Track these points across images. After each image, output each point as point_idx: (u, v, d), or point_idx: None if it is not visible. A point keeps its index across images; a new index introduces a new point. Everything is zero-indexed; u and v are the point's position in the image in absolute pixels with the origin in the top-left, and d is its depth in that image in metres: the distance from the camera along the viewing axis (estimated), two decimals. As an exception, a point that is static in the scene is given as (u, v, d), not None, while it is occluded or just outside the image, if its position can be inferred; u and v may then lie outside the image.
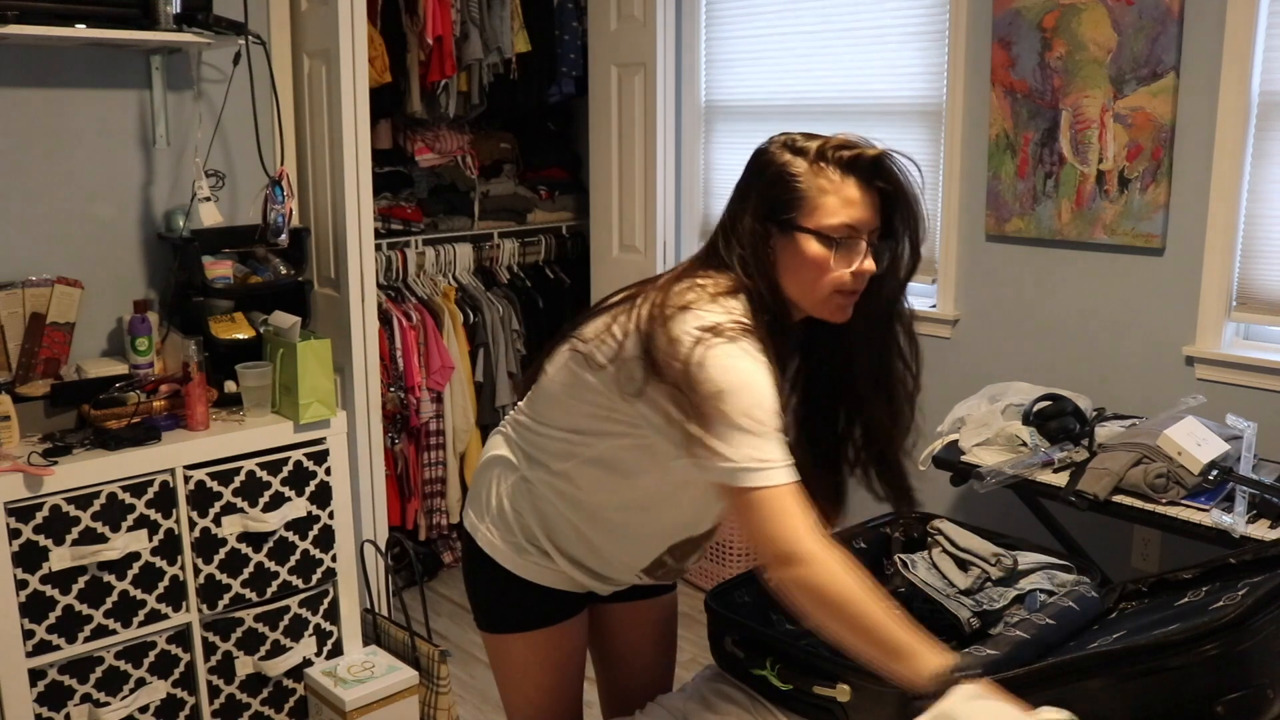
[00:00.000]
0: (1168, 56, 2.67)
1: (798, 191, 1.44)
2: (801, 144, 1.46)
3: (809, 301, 1.48)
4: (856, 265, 1.45)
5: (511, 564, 1.68)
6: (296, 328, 2.68)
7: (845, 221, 1.43)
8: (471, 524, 1.73)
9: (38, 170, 2.68)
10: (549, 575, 1.68)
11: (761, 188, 1.47)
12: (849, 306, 1.49)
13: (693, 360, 1.37)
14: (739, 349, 1.39)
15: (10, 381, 2.55)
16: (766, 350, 1.42)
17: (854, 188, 1.44)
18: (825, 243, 1.43)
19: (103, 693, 2.46)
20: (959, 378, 3.20)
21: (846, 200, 1.43)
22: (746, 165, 1.52)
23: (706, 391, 1.36)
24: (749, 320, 1.44)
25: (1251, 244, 2.67)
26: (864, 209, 1.44)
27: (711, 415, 1.36)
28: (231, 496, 2.58)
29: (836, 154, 1.44)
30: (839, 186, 1.44)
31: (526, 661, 1.74)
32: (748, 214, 1.47)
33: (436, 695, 2.67)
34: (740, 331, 1.41)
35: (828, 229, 1.43)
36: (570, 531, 1.64)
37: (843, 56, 3.39)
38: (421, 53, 3.46)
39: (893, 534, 2.55)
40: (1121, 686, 1.53)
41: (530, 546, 1.66)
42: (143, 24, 2.52)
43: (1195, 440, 2.31)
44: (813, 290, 1.46)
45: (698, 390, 1.36)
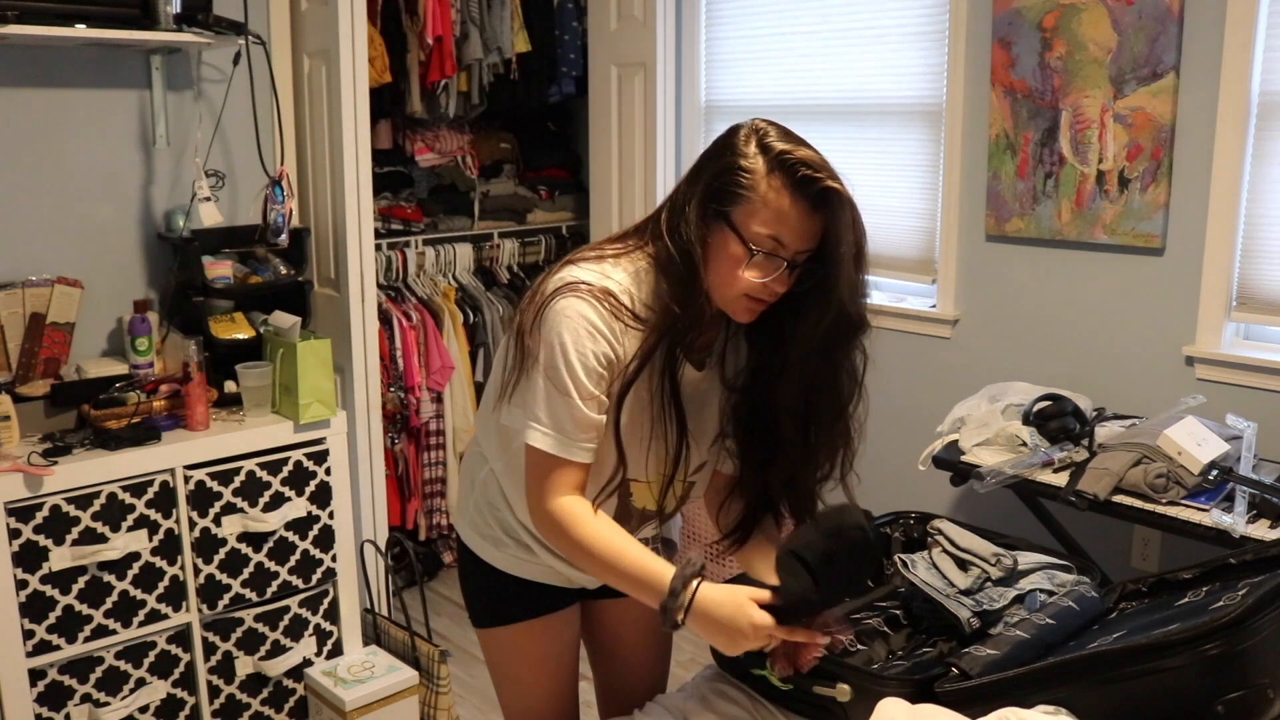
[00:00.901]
0: (1168, 56, 2.67)
1: (742, 189, 1.42)
2: (769, 143, 1.44)
3: (718, 294, 1.47)
4: (769, 279, 1.42)
5: (492, 558, 1.69)
6: (296, 328, 2.68)
7: (771, 234, 1.41)
8: (457, 522, 1.77)
9: (38, 170, 2.68)
10: (529, 568, 1.69)
11: (714, 171, 1.46)
12: (756, 311, 1.47)
13: (536, 308, 1.45)
14: (578, 309, 1.42)
15: (10, 381, 2.55)
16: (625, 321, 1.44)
17: (794, 207, 1.40)
18: (745, 248, 1.42)
19: (103, 693, 2.46)
20: (959, 378, 3.20)
21: (781, 215, 1.40)
22: (716, 139, 1.50)
23: (530, 341, 1.44)
24: (624, 288, 1.46)
25: (1251, 244, 2.67)
26: (798, 231, 1.41)
27: (526, 364, 1.46)
28: (231, 496, 2.58)
29: (792, 169, 1.41)
30: (779, 200, 1.40)
31: (514, 655, 1.75)
32: (696, 194, 1.46)
33: (436, 695, 2.67)
34: (594, 294, 1.43)
35: (751, 236, 1.41)
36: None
37: (843, 56, 3.39)
38: (421, 53, 3.46)
39: (893, 534, 2.55)
40: (1122, 686, 1.53)
41: (508, 539, 1.67)
42: (143, 24, 2.52)
43: (1195, 440, 2.31)
44: (723, 285, 1.45)
45: (526, 338, 1.45)
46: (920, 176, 3.27)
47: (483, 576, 1.72)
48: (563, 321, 1.43)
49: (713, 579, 1.51)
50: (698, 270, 1.44)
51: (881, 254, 3.41)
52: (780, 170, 1.41)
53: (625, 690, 1.92)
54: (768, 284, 1.42)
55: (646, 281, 1.49)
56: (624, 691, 1.92)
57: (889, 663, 2.11)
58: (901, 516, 2.57)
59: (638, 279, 1.49)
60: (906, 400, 3.36)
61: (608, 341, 1.44)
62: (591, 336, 1.43)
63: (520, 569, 1.69)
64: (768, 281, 1.42)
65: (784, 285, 1.44)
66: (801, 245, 1.42)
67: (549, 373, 1.43)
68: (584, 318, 1.43)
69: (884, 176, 3.35)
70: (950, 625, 2.09)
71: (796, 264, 1.43)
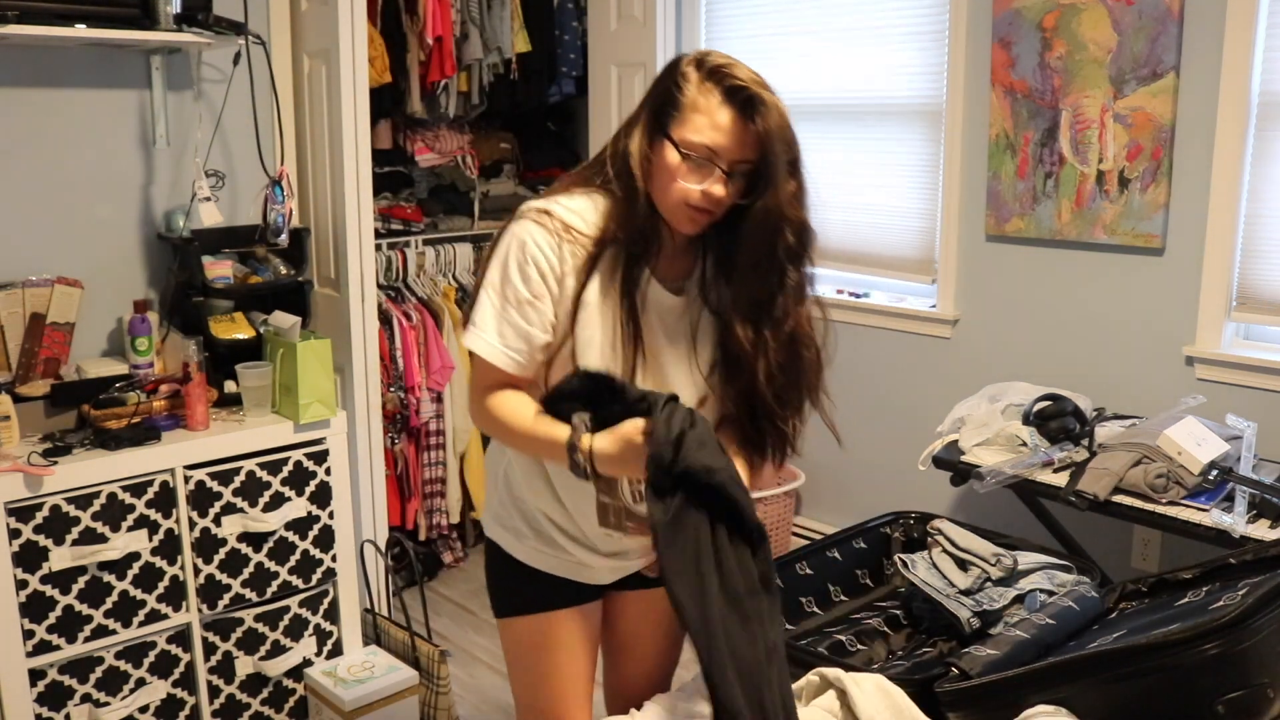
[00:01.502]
0: (1168, 56, 2.67)
1: (678, 102, 1.48)
2: (706, 60, 1.50)
3: (662, 206, 1.52)
4: (705, 186, 1.48)
5: (513, 549, 1.72)
6: (296, 328, 2.68)
7: (704, 142, 1.46)
8: (483, 517, 1.80)
9: (38, 170, 2.68)
10: (550, 560, 1.70)
11: (656, 94, 1.53)
12: (699, 222, 1.52)
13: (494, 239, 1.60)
14: (525, 230, 1.53)
15: (10, 381, 2.54)
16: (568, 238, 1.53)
17: (727, 115, 1.46)
18: (681, 155, 1.47)
19: (103, 693, 2.46)
20: (959, 378, 3.20)
21: (715, 124, 1.46)
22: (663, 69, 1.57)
23: (488, 256, 1.59)
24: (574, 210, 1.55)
25: (1251, 244, 2.67)
26: (730, 138, 1.46)
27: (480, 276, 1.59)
28: (231, 496, 2.57)
29: (722, 79, 1.47)
30: (713, 109, 1.46)
31: (529, 645, 1.76)
32: (640, 118, 1.53)
33: (436, 695, 2.67)
34: (541, 216, 1.54)
35: (685, 143, 1.47)
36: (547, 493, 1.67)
37: (843, 56, 3.39)
38: (421, 53, 3.46)
39: (893, 534, 2.55)
40: (1122, 686, 1.53)
41: (528, 530, 1.70)
42: (143, 24, 2.52)
43: (1195, 440, 2.31)
44: (664, 196, 1.51)
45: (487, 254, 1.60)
46: (920, 176, 3.27)
47: (504, 567, 1.74)
48: (510, 241, 1.54)
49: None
50: (637, 187, 1.51)
51: (881, 254, 3.41)
52: (712, 80, 1.48)
53: (633, 685, 1.92)
54: (705, 191, 1.47)
55: (599, 207, 1.56)
56: (633, 687, 1.92)
57: (889, 662, 2.11)
58: (901, 516, 2.58)
59: (592, 204, 1.56)
60: (906, 400, 3.36)
61: (546, 257, 1.53)
62: (532, 250, 1.52)
63: (540, 561, 1.71)
64: (704, 188, 1.47)
65: (721, 192, 1.48)
66: (735, 154, 1.47)
67: (489, 286, 1.55)
68: (528, 235, 1.53)
69: (884, 176, 3.35)
70: (950, 625, 2.10)
71: (734, 173, 1.48)
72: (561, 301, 1.54)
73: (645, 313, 1.57)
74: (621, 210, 1.53)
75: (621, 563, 1.73)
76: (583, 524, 1.66)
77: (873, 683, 1.56)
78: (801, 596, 2.33)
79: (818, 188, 1.61)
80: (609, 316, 1.55)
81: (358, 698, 2.55)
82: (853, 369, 3.49)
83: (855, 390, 3.49)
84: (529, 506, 1.70)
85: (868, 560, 2.49)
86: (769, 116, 1.45)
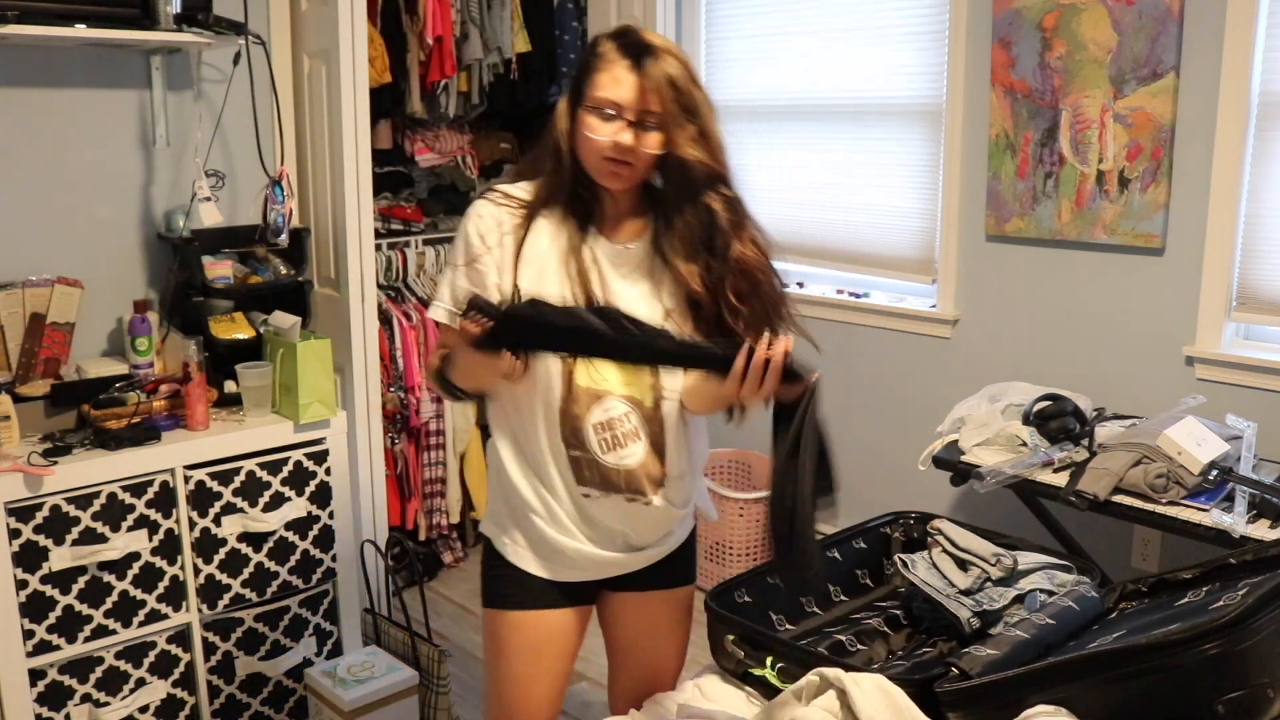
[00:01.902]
0: (1168, 56, 2.67)
1: (590, 68, 1.62)
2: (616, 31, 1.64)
3: (587, 165, 1.64)
4: (613, 137, 1.59)
5: (501, 546, 1.78)
6: (296, 328, 2.68)
7: (608, 96, 1.58)
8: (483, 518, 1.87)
9: (38, 170, 2.68)
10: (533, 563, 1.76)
11: (578, 70, 1.67)
12: (621, 175, 1.62)
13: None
14: (473, 207, 1.70)
15: (10, 381, 2.55)
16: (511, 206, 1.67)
17: (628, 71, 1.58)
18: (590, 113, 1.60)
19: (103, 693, 2.46)
20: (959, 378, 3.20)
21: (616, 80, 1.58)
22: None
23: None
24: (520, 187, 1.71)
25: (1251, 244, 2.67)
26: (631, 90, 1.58)
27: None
28: (231, 496, 2.58)
29: (619, 38, 1.62)
30: (614, 67, 1.59)
31: (501, 641, 1.80)
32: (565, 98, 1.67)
33: (436, 695, 2.67)
34: (488, 193, 1.71)
35: (592, 100, 1.60)
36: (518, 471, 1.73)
37: (843, 56, 3.39)
38: (421, 53, 3.46)
39: (893, 534, 2.55)
40: (1122, 686, 1.53)
41: (516, 528, 1.76)
42: (143, 24, 2.52)
43: (1195, 440, 2.31)
44: (585, 154, 1.63)
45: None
46: (920, 176, 3.27)
47: (493, 559, 1.81)
48: (462, 223, 1.71)
49: (713, 579, 1.52)
50: (562, 155, 1.65)
51: (881, 254, 3.41)
52: (611, 41, 1.62)
53: (633, 683, 1.94)
54: (614, 141, 1.59)
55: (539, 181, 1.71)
56: (633, 684, 1.94)
57: (889, 663, 2.11)
58: (901, 516, 2.57)
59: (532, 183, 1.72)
60: (906, 400, 3.36)
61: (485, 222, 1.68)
62: (474, 220, 1.68)
63: (526, 562, 1.76)
64: (614, 139, 1.58)
65: (629, 140, 1.59)
66: (638, 104, 1.58)
67: (446, 264, 1.75)
68: (473, 210, 1.70)
69: (884, 176, 3.35)
70: (950, 625, 2.09)
71: (644, 125, 1.59)
72: (505, 260, 1.66)
73: (597, 268, 1.67)
74: (552, 176, 1.67)
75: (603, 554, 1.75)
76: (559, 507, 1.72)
77: (873, 683, 1.56)
78: (801, 596, 2.33)
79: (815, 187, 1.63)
80: (557, 274, 1.65)
81: (358, 698, 2.55)
82: (853, 369, 3.49)
83: (855, 390, 3.49)
84: (516, 501, 1.74)
85: (868, 560, 2.49)
86: (660, 64, 1.57)
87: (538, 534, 1.73)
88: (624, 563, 1.77)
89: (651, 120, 1.59)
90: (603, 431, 1.65)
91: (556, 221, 1.68)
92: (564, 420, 1.66)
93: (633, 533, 1.74)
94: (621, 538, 1.75)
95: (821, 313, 3.54)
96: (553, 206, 1.68)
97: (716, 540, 3.51)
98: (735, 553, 3.47)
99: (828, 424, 1.58)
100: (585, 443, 1.66)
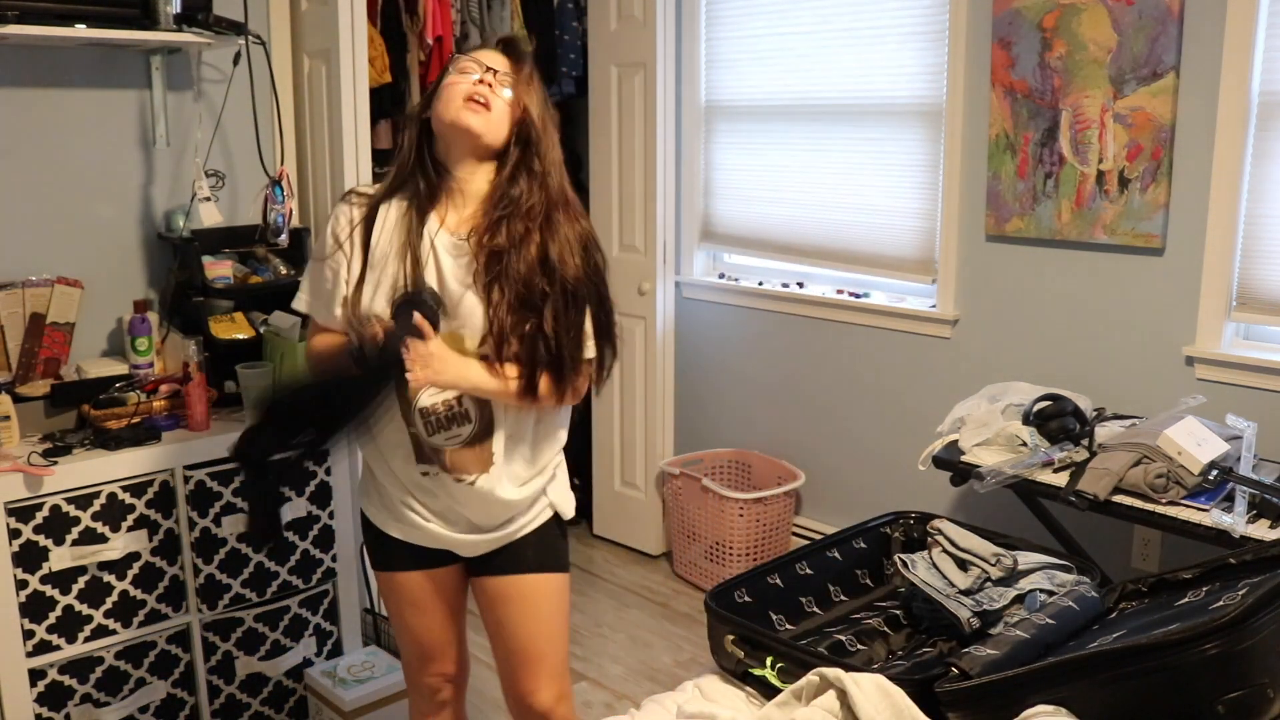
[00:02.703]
0: (1168, 56, 2.67)
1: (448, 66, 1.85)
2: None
3: (448, 118, 1.77)
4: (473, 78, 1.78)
5: (369, 513, 1.95)
6: (296, 328, 2.68)
7: (468, 59, 1.81)
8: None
9: (38, 170, 2.68)
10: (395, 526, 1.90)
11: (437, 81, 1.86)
12: (480, 112, 1.77)
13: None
14: (334, 211, 1.89)
15: (10, 381, 2.55)
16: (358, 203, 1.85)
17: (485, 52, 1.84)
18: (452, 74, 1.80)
19: (103, 693, 2.46)
20: (959, 378, 3.20)
21: (474, 56, 1.83)
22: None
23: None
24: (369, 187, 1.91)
25: (1251, 244, 2.67)
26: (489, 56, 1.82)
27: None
28: (231, 496, 2.57)
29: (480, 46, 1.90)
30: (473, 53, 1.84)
31: (386, 598, 2.01)
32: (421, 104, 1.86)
33: (436, 695, 2.67)
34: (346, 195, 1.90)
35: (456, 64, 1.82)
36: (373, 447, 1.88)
37: (843, 56, 3.39)
38: (421, 53, 3.46)
39: (893, 534, 2.55)
40: (1122, 686, 1.53)
41: (379, 498, 1.92)
42: (143, 24, 2.52)
43: (1195, 440, 2.31)
44: (446, 108, 1.78)
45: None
46: (920, 176, 3.27)
47: (364, 525, 1.98)
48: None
49: (713, 579, 1.54)
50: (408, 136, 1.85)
51: (881, 254, 3.41)
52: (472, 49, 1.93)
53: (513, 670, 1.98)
54: (473, 84, 1.77)
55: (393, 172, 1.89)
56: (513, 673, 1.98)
57: (889, 663, 2.11)
58: (901, 516, 2.58)
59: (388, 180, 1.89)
60: (906, 400, 3.36)
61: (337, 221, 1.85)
62: (331, 221, 1.87)
63: (383, 522, 1.92)
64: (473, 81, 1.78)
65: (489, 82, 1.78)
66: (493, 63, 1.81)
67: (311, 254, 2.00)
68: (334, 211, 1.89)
69: (884, 176, 3.35)
70: (950, 625, 2.10)
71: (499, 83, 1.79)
72: (354, 254, 1.82)
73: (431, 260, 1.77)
74: (400, 168, 1.85)
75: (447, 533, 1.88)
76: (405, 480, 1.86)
77: (873, 683, 1.56)
78: (801, 596, 2.33)
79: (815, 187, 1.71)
80: (395, 261, 1.78)
81: (358, 698, 2.56)
82: (853, 369, 3.49)
83: (855, 390, 3.49)
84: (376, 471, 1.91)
85: (868, 560, 2.49)
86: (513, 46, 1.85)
87: (391, 503, 1.89)
88: (467, 544, 1.89)
89: (502, 79, 1.80)
90: (430, 414, 1.79)
91: (401, 211, 1.82)
92: (401, 399, 1.80)
93: (471, 515, 1.86)
94: (463, 519, 1.86)
95: (821, 313, 3.54)
96: (401, 195, 1.83)
97: (716, 540, 3.51)
98: (735, 553, 3.47)
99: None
100: (415, 422, 1.80)
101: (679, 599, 3.53)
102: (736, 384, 3.83)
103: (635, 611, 3.44)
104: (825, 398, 3.58)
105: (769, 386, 3.73)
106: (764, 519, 3.50)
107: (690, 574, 3.65)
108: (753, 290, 3.72)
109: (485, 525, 1.87)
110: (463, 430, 1.80)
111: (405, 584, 1.95)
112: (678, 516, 3.67)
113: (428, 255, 1.77)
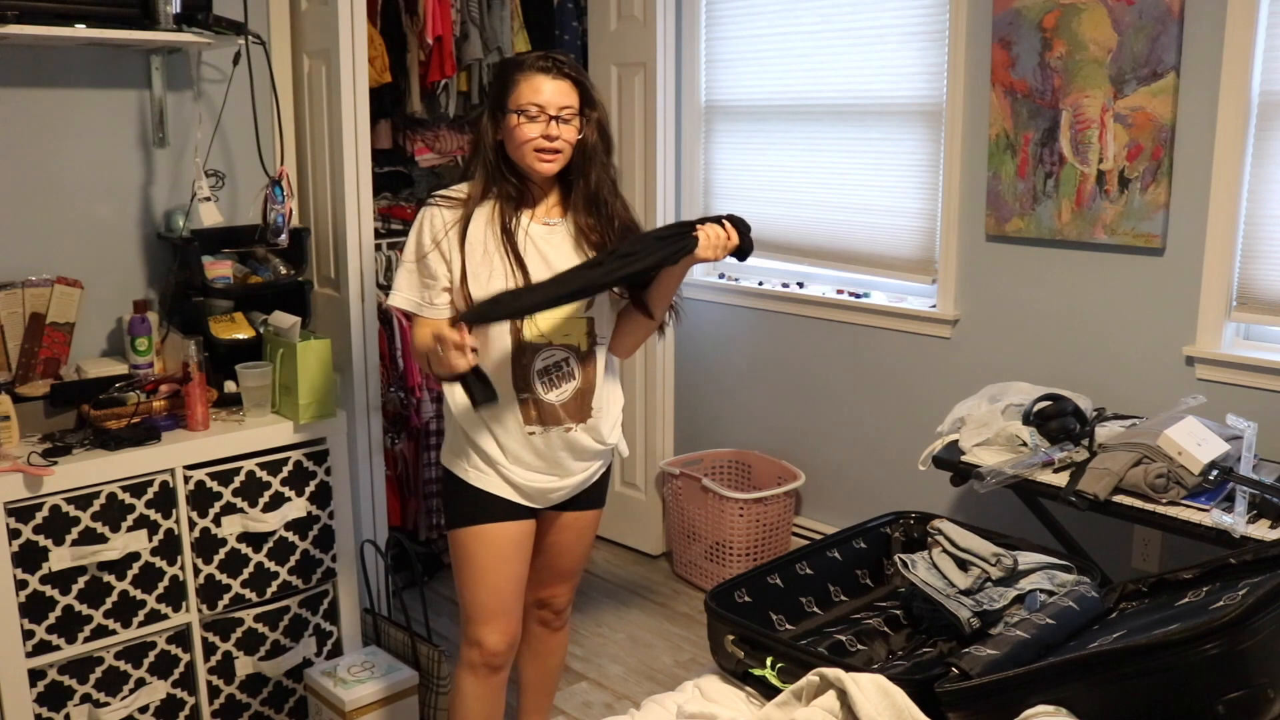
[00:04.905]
0: (1168, 56, 2.67)
1: (507, 85, 2.05)
2: (518, 58, 2.14)
3: (519, 158, 2.06)
4: (542, 130, 2.02)
5: (460, 470, 2.16)
6: (296, 328, 2.68)
7: (531, 100, 2.02)
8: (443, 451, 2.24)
9: (38, 170, 2.68)
10: (486, 479, 2.13)
11: (492, 91, 2.11)
12: (551, 162, 2.05)
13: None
14: (422, 213, 2.11)
15: (10, 381, 2.55)
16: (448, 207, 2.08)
17: (540, 79, 2.02)
18: (517, 115, 2.03)
19: (103, 693, 2.46)
20: (959, 378, 3.20)
21: (534, 88, 2.02)
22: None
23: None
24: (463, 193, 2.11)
25: (1251, 244, 2.67)
26: (550, 93, 2.02)
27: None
28: (231, 496, 2.58)
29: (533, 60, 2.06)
30: (530, 79, 2.03)
31: (473, 552, 2.16)
32: (485, 115, 2.09)
33: (436, 695, 2.67)
34: (432, 198, 2.11)
35: (516, 104, 2.03)
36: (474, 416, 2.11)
37: (843, 56, 3.39)
38: (421, 53, 3.46)
39: (893, 534, 2.55)
40: (1122, 686, 1.53)
41: (472, 454, 2.13)
42: (143, 24, 2.52)
43: (1195, 440, 2.31)
44: (516, 150, 2.05)
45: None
46: (920, 176, 3.27)
47: (454, 487, 2.18)
48: (414, 225, 2.12)
49: (713, 579, 1.55)
50: (486, 155, 2.08)
51: (881, 254, 3.41)
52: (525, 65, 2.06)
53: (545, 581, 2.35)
54: (546, 132, 2.01)
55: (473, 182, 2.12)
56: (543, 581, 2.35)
57: (889, 663, 2.11)
58: (901, 516, 2.58)
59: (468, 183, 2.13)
60: (906, 400, 3.36)
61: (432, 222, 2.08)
62: (424, 222, 2.09)
63: (481, 480, 2.13)
64: (541, 134, 2.01)
65: (557, 133, 2.02)
66: (557, 102, 2.02)
67: (402, 258, 2.14)
68: (423, 214, 2.11)
69: (884, 176, 3.35)
70: (950, 625, 2.10)
71: (563, 119, 2.03)
72: (451, 250, 2.06)
73: (529, 247, 2.08)
74: (485, 175, 2.09)
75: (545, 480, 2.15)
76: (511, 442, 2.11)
77: (873, 683, 1.57)
78: (801, 596, 2.33)
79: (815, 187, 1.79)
80: (495, 254, 2.05)
81: (358, 698, 2.56)
82: (853, 369, 3.49)
83: (855, 390, 3.49)
84: (476, 436, 2.12)
85: (868, 560, 2.49)
86: (568, 66, 2.05)
87: (492, 464, 2.12)
88: (561, 487, 2.18)
89: (567, 113, 2.03)
90: (545, 376, 2.10)
91: (490, 211, 2.08)
92: (515, 370, 2.08)
93: (567, 458, 2.15)
94: (558, 465, 2.15)
95: (821, 313, 3.54)
96: (485, 200, 2.09)
97: (716, 540, 3.51)
98: (735, 553, 3.47)
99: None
100: (532, 386, 2.09)
101: (679, 599, 3.53)
102: (736, 384, 3.83)
103: (635, 611, 3.44)
104: (825, 398, 3.58)
105: (769, 386, 3.73)
106: (764, 519, 3.50)
107: (690, 574, 3.65)
108: (753, 290, 3.72)
109: (576, 470, 2.17)
110: (569, 386, 2.11)
111: (498, 535, 2.14)
112: (678, 516, 3.67)
113: (526, 243, 2.07)
